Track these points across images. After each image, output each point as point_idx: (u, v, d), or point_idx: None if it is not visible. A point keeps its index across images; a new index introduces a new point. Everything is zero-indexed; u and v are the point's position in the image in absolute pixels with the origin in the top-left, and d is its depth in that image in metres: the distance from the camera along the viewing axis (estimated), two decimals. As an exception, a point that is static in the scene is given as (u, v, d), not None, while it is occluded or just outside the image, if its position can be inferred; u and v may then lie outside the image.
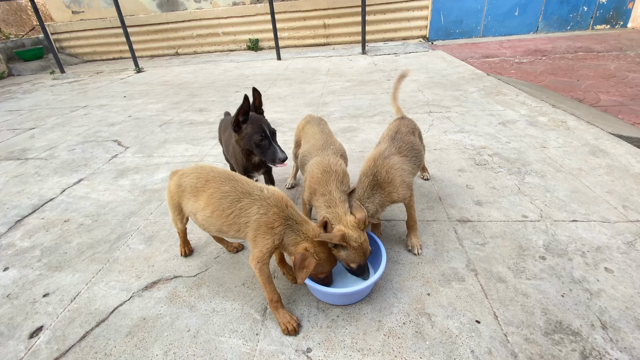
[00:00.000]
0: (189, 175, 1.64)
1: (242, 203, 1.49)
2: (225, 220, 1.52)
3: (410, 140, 1.96)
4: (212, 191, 1.55)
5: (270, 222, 1.46)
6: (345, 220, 1.55)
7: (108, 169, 3.24)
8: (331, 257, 1.53)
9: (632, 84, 4.69)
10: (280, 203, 1.50)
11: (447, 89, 4.91)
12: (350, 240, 1.49)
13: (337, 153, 1.98)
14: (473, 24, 9.15)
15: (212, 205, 1.53)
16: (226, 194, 1.52)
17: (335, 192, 1.69)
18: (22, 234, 2.35)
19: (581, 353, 1.33)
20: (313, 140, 2.10)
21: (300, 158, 2.13)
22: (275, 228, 1.46)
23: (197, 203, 1.59)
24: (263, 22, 9.68)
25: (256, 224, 1.46)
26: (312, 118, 2.33)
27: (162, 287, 1.81)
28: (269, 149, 1.93)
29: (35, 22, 11.28)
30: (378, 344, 1.42)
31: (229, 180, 1.56)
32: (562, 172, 2.58)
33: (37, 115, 5.22)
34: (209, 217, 1.55)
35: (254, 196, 1.50)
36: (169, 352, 1.45)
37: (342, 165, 1.85)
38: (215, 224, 1.56)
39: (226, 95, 5.53)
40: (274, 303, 1.53)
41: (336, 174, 1.76)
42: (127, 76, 7.90)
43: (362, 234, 1.53)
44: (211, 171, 1.61)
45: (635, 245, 1.84)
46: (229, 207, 1.51)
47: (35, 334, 1.59)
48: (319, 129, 2.18)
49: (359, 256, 1.53)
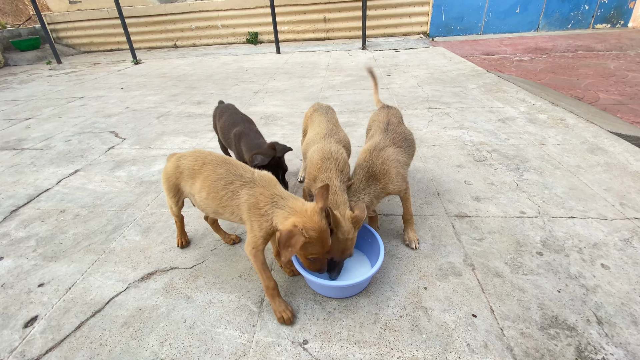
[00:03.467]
0: (187, 158, 1.67)
1: (234, 185, 1.52)
2: (220, 202, 1.55)
3: (402, 131, 1.94)
4: (208, 174, 1.58)
5: (257, 203, 1.46)
6: (343, 210, 1.54)
7: (105, 160, 3.22)
8: (323, 236, 1.38)
9: (631, 83, 4.70)
10: (268, 184, 1.51)
11: (447, 85, 4.89)
12: (339, 230, 1.46)
13: (340, 142, 1.95)
14: (474, 21, 9.11)
15: (208, 187, 1.56)
16: (220, 177, 1.55)
17: (336, 180, 1.66)
18: (17, 224, 2.33)
19: (577, 348, 1.34)
20: (318, 128, 2.08)
21: (304, 146, 2.11)
22: (262, 208, 1.45)
23: (194, 185, 1.62)
24: (263, 15, 9.60)
25: (246, 206, 1.48)
26: (320, 106, 2.30)
27: (159, 278, 1.80)
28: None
29: (32, 11, 11.14)
30: (374, 337, 1.42)
31: (224, 164, 1.59)
32: (560, 169, 2.58)
33: (33, 106, 5.17)
34: (205, 199, 1.58)
35: (244, 179, 1.53)
36: (164, 343, 1.45)
37: (343, 154, 1.82)
38: (212, 206, 1.59)
39: (224, 88, 5.49)
40: (270, 290, 1.52)
41: (337, 162, 1.73)
42: (124, 68, 7.83)
43: (352, 232, 1.49)
44: (208, 155, 1.65)
45: (632, 242, 1.85)
46: (222, 189, 1.53)
47: (30, 323, 1.58)
48: (326, 117, 2.16)
49: (339, 250, 1.49)
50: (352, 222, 1.50)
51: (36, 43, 9.79)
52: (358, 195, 1.66)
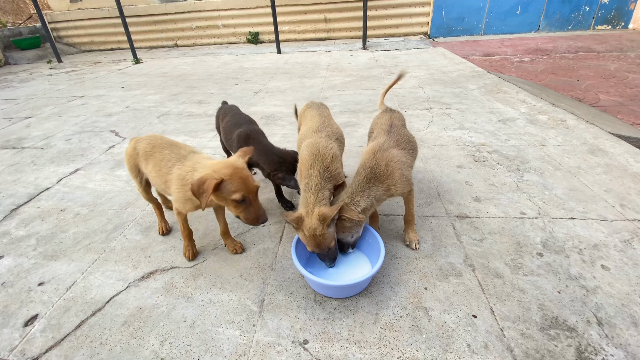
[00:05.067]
0: (143, 142, 1.85)
1: (171, 162, 1.71)
2: (162, 178, 1.73)
3: (405, 133, 1.94)
4: (156, 155, 1.77)
5: (181, 174, 1.62)
6: (311, 208, 1.59)
7: (105, 159, 3.22)
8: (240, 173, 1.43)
9: (631, 85, 4.70)
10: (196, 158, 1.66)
11: (448, 86, 4.90)
12: (303, 226, 1.56)
13: (332, 136, 1.93)
14: (475, 22, 9.12)
15: (155, 166, 1.76)
16: (164, 157, 1.74)
17: (315, 178, 1.68)
18: (17, 222, 2.33)
19: (577, 349, 1.34)
20: (310, 122, 2.09)
21: (298, 141, 2.11)
22: (184, 178, 1.61)
23: (148, 166, 1.81)
24: (263, 15, 9.61)
25: (175, 179, 1.65)
26: (313, 103, 2.33)
27: (159, 277, 1.80)
28: None
29: (33, 10, 11.14)
30: (375, 337, 1.42)
31: (169, 146, 1.78)
32: (560, 170, 2.59)
33: (34, 105, 5.17)
34: (154, 177, 1.78)
35: (179, 156, 1.71)
36: (165, 342, 1.45)
37: (332, 149, 1.79)
38: (158, 184, 1.79)
39: (225, 88, 5.49)
40: (184, 235, 1.87)
41: (323, 158, 1.73)
42: (125, 67, 7.83)
43: (320, 228, 1.53)
44: (160, 139, 1.84)
45: (632, 243, 1.85)
46: (164, 166, 1.72)
47: (30, 322, 1.58)
48: (318, 112, 2.17)
49: (310, 245, 1.59)
50: (318, 219, 1.53)
51: (37, 42, 9.78)
52: (353, 197, 1.63)
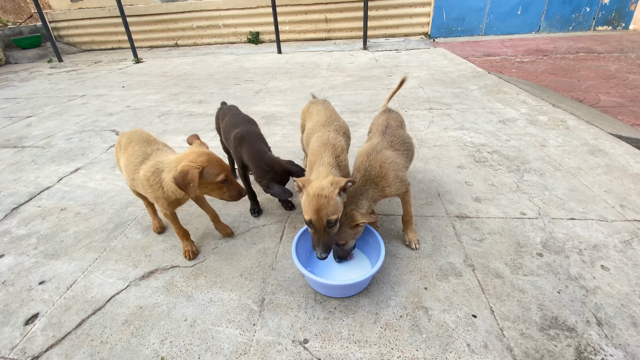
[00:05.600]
0: (124, 136, 1.88)
1: (138, 160, 1.71)
2: (129, 175, 1.74)
3: (401, 134, 1.94)
4: (129, 150, 1.78)
5: (146, 175, 1.64)
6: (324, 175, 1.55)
7: (106, 158, 3.22)
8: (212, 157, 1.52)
9: (632, 86, 4.70)
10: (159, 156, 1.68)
11: (448, 86, 4.90)
12: (308, 186, 1.49)
13: (339, 130, 1.97)
14: (475, 22, 9.12)
15: (126, 161, 1.77)
16: (134, 152, 1.74)
17: (328, 157, 1.69)
18: (18, 221, 2.33)
19: (576, 349, 1.34)
20: (317, 117, 2.11)
21: (305, 137, 2.13)
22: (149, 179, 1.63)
23: (121, 161, 1.83)
24: (264, 15, 9.61)
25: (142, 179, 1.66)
26: (316, 100, 2.37)
27: (159, 276, 1.80)
28: None
29: (34, 9, 11.14)
30: (375, 336, 1.43)
31: (142, 142, 1.78)
32: (561, 170, 2.59)
33: (34, 104, 5.17)
34: (124, 172, 1.80)
35: (145, 154, 1.72)
36: (165, 341, 1.45)
37: (341, 142, 1.86)
38: (127, 179, 1.80)
39: (225, 88, 5.50)
40: (180, 235, 1.90)
41: (334, 148, 1.76)
42: (125, 66, 7.83)
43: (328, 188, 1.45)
44: (138, 134, 1.85)
45: (632, 244, 1.85)
46: (131, 163, 1.72)
47: (31, 320, 1.58)
48: (323, 107, 2.21)
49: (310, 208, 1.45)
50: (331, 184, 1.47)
51: (37, 41, 9.79)
52: (355, 201, 1.63)
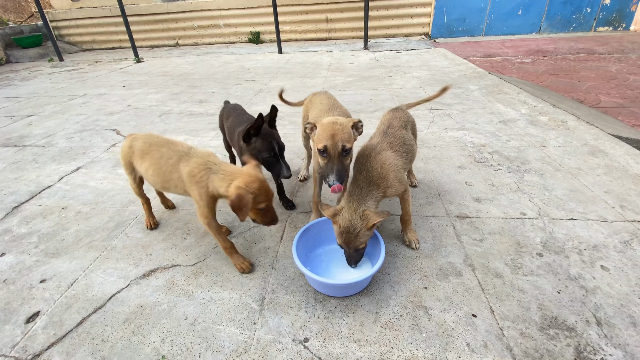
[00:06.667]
0: (139, 140, 1.87)
1: (172, 160, 1.73)
2: (163, 177, 1.76)
3: (401, 135, 1.93)
4: (154, 153, 1.79)
5: (192, 171, 1.64)
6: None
7: (106, 157, 3.23)
8: (264, 185, 1.58)
9: (632, 87, 4.70)
10: (203, 155, 1.70)
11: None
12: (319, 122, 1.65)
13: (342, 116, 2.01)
14: (476, 23, 9.12)
15: (153, 165, 1.78)
16: (163, 155, 1.76)
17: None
18: (19, 220, 2.34)
19: (576, 348, 1.34)
20: (320, 105, 2.16)
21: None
22: (196, 175, 1.64)
23: (144, 164, 1.82)
24: (265, 15, 9.62)
25: (186, 176, 1.67)
26: (318, 92, 2.43)
27: (160, 275, 1.80)
28: (275, 165, 1.99)
29: (34, 8, 11.15)
30: (375, 335, 1.43)
31: (166, 144, 1.80)
32: (561, 171, 2.59)
33: (35, 103, 5.18)
34: (152, 175, 1.79)
35: (181, 153, 1.73)
36: (166, 340, 1.45)
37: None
38: (158, 182, 1.81)
39: (226, 87, 5.50)
40: (227, 250, 1.80)
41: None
42: (126, 66, 7.84)
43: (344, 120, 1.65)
44: (155, 137, 1.86)
45: (632, 244, 1.85)
46: (164, 164, 1.74)
47: (32, 319, 1.59)
48: (326, 96, 2.26)
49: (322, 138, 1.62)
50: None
51: (38, 40, 9.80)
52: (364, 202, 1.61)
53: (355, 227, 1.54)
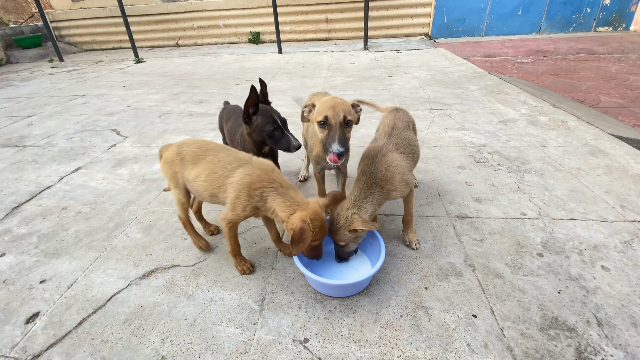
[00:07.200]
0: (190, 145, 1.74)
1: (232, 165, 1.63)
2: (217, 181, 1.63)
3: (407, 137, 1.92)
4: (210, 158, 1.68)
5: (253, 183, 1.55)
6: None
7: (106, 158, 3.22)
8: (324, 225, 1.55)
9: (632, 87, 4.70)
10: (266, 167, 1.61)
11: (449, 86, 4.90)
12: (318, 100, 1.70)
13: None
14: (476, 23, 9.12)
15: (208, 170, 1.66)
16: (221, 159, 1.66)
17: None
18: (19, 220, 2.34)
19: (576, 349, 1.34)
20: None
21: (306, 127, 2.18)
22: (256, 189, 1.55)
23: (195, 170, 1.69)
24: (265, 15, 9.62)
25: (240, 184, 1.57)
26: (317, 92, 2.47)
27: (160, 275, 1.80)
28: (282, 138, 1.95)
29: (35, 9, 11.15)
30: (375, 336, 1.43)
31: (224, 150, 1.72)
32: (561, 171, 2.59)
33: (35, 103, 5.18)
34: (204, 181, 1.67)
35: (243, 160, 1.64)
36: (166, 340, 1.45)
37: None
38: (209, 188, 1.67)
39: (226, 88, 5.50)
40: (234, 253, 1.77)
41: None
42: (126, 66, 7.84)
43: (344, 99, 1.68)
44: (211, 142, 1.77)
45: (632, 244, 1.85)
46: (220, 169, 1.63)
47: (32, 319, 1.59)
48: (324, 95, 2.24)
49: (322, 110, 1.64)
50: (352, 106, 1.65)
51: (38, 41, 9.80)
52: (359, 205, 1.62)
53: (338, 223, 1.59)
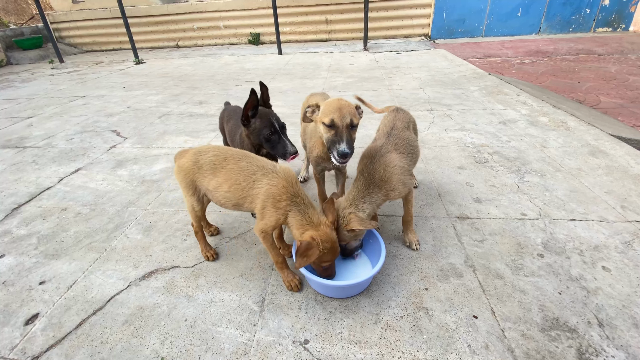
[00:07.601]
0: (207, 154, 1.67)
1: (256, 175, 1.58)
2: (241, 193, 1.59)
3: (406, 137, 1.92)
4: (231, 167, 1.61)
5: (278, 195, 1.52)
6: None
7: (106, 159, 3.22)
8: (334, 246, 1.53)
9: (632, 87, 4.70)
10: (290, 178, 1.57)
11: (449, 87, 4.90)
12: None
13: None
14: (476, 24, 9.13)
15: (230, 180, 1.60)
16: (243, 169, 1.60)
17: None
18: (18, 221, 2.33)
19: (577, 350, 1.34)
20: None
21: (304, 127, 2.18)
22: (281, 202, 1.52)
23: (215, 179, 1.63)
24: (265, 16, 9.63)
25: (265, 195, 1.54)
26: (315, 92, 2.50)
27: (160, 277, 1.80)
28: (278, 143, 1.92)
29: (35, 10, 11.17)
30: (375, 337, 1.42)
31: (245, 157, 1.64)
32: (561, 171, 2.59)
33: (35, 104, 5.18)
34: (227, 192, 1.61)
35: (266, 169, 1.59)
36: (165, 341, 1.45)
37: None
38: (232, 199, 1.62)
39: (226, 89, 5.50)
40: (279, 264, 1.68)
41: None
42: (126, 67, 7.84)
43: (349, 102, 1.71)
44: (229, 150, 1.69)
45: (633, 244, 1.85)
46: (244, 180, 1.58)
47: (31, 321, 1.58)
48: (322, 98, 2.28)
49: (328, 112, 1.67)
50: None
51: (39, 42, 9.81)
52: (357, 204, 1.62)
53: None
